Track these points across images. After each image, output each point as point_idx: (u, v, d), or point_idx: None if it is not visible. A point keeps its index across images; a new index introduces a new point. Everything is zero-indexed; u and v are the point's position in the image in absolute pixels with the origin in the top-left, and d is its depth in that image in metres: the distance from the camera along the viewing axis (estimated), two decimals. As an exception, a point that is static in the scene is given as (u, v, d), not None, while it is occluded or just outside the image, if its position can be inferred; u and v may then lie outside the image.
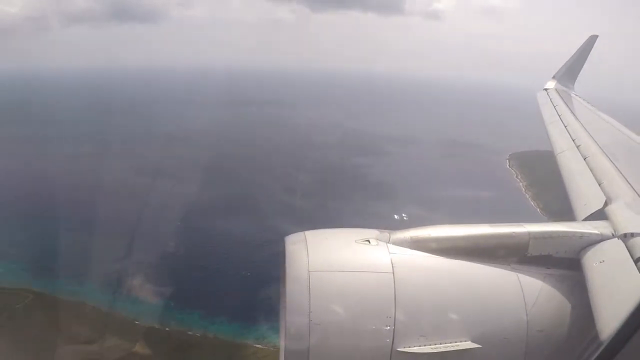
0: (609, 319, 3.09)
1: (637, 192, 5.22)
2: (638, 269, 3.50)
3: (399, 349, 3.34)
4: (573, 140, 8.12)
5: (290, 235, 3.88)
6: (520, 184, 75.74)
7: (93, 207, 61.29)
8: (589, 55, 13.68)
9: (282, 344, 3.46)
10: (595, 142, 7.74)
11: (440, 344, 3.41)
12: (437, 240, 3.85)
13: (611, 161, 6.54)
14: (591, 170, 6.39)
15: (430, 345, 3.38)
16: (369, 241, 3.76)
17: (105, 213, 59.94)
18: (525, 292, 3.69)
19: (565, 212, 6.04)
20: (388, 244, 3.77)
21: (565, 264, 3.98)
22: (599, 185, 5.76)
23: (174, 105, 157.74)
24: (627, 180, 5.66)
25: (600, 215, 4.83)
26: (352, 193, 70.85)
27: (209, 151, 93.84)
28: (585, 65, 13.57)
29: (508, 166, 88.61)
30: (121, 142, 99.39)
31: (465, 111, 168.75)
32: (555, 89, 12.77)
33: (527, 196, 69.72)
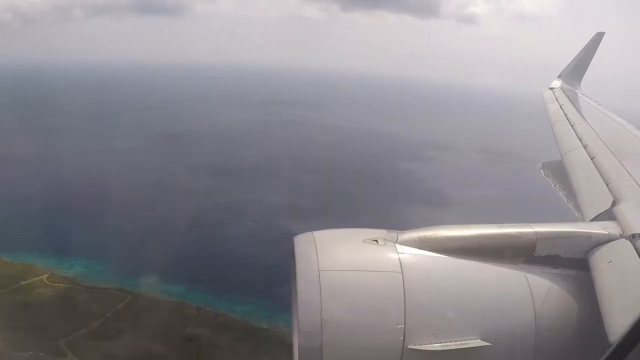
0: (618, 320, 3.03)
1: None
2: None
3: (410, 347, 3.32)
4: (580, 140, 7.78)
5: (298, 236, 3.83)
6: (560, 193, 75.05)
7: (156, 203, 61.35)
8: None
9: (295, 341, 3.46)
10: (603, 141, 7.40)
11: (451, 341, 3.38)
12: (444, 240, 3.78)
13: (619, 161, 6.27)
14: (598, 170, 6.15)
15: (440, 343, 3.36)
16: (376, 241, 3.71)
17: (173, 210, 60.20)
18: (533, 291, 3.61)
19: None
20: (396, 244, 3.71)
21: (573, 264, 3.86)
22: (607, 185, 5.54)
23: (195, 103, 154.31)
24: (635, 180, 5.42)
25: (608, 215, 4.66)
26: (400, 198, 71.99)
27: (244, 150, 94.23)
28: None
29: (544, 175, 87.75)
30: (153, 139, 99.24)
31: (495, 118, 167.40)
32: (561, 88, 12.36)
33: (570, 206, 72.16)
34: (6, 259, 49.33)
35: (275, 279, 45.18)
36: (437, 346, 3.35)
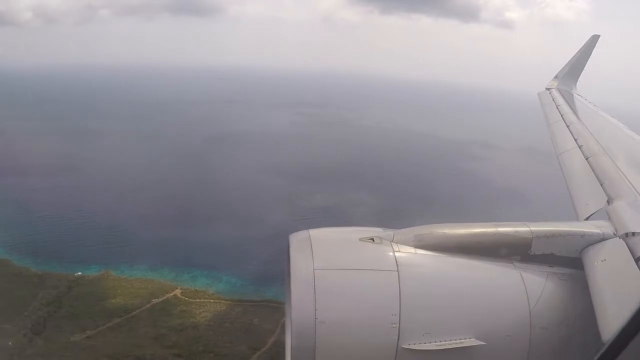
0: (611, 318, 2.93)
1: (638, 192, 4.90)
2: (639, 267, 3.29)
3: (404, 346, 3.22)
4: (575, 140, 7.62)
5: (294, 234, 3.67)
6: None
7: (253, 208, 56.26)
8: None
9: (288, 341, 3.31)
10: (598, 142, 7.25)
11: (445, 341, 3.28)
12: (440, 238, 3.64)
13: (613, 161, 6.15)
14: (593, 170, 6.05)
15: (435, 342, 3.26)
16: (372, 239, 3.59)
17: (276, 214, 55.48)
18: (528, 290, 3.49)
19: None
20: (392, 243, 3.58)
21: (567, 263, 3.71)
22: (601, 184, 5.43)
23: (231, 105, 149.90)
24: (628, 180, 5.30)
25: (602, 214, 4.55)
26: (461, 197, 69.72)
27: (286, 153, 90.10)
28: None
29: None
30: (211, 140, 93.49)
31: (530, 119, 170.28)
32: (557, 89, 12.08)
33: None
34: (116, 275, 43.66)
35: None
36: (431, 345, 3.23)
